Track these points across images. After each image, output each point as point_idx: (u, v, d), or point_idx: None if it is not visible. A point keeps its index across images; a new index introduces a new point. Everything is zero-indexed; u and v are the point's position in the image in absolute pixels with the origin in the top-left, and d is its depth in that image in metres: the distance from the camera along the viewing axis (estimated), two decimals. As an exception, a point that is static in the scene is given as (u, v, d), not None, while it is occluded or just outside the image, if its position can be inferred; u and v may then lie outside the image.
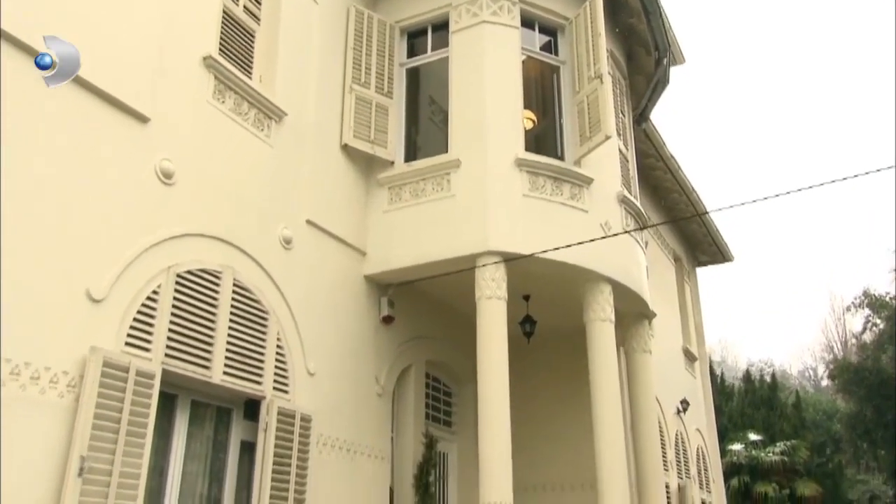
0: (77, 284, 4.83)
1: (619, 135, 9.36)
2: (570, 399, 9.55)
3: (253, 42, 7.23)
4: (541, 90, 9.60)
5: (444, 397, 9.59)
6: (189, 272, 5.72)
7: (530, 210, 7.83)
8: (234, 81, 6.55)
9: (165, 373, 5.34)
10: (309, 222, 7.28)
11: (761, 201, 6.71)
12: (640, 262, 8.99)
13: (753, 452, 20.65)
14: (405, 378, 8.52)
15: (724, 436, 20.42)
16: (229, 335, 5.99)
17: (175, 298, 5.54)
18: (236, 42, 6.98)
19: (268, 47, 7.29)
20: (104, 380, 4.78)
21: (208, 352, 5.78)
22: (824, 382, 39.86)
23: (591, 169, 8.31)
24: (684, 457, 12.46)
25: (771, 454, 20.34)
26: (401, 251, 7.93)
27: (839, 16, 67.27)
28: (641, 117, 11.15)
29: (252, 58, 7.15)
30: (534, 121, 9.64)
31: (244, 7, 7.20)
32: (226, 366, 5.92)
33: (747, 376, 25.46)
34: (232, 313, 6.06)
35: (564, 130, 8.66)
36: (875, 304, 23.80)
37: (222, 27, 6.78)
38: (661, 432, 11.23)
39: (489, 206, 7.71)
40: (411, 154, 8.66)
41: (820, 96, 67.97)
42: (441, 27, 8.77)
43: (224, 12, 6.85)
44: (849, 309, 25.39)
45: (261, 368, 6.31)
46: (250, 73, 7.03)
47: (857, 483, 27.03)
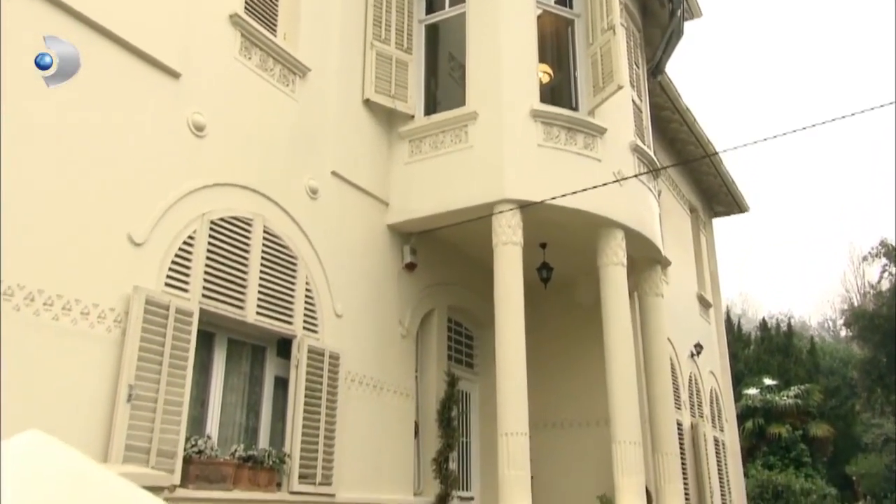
0: (120, 229, 5.07)
1: (632, 86, 9.34)
2: (584, 342, 9.71)
3: (277, 0, 7.33)
4: (556, 44, 9.58)
5: (466, 340, 9.81)
6: (222, 219, 5.94)
7: (545, 159, 7.91)
8: (259, 38, 6.67)
9: (203, 312, 5.60)
10: (334, 174, 7.44)
11: (772, 139, 6.72)
12: (653, 210, 9.05)
13: (768, 396, 20.78)
14: (428, 321, 8.74)
15: (740, 381, 20.56)
16: (261, 278, 6.22)
17: (209, 243, 5.77)
18: (261, 0, 7.09)
19: (291, 5, 7.38)
20: (147, 316, 5.04)
21: (242, 293, 6.03)
22: (843, 333, 39.55)
23: (604, 119, 8.34)
24: (697, 397, 12.63)
25: (785, 398, 20.45)
26: (421, 201, 8.08)
27: (864, -34, 64.80)
28: (657, 70, 11.06)
29: (276, 15, 7.25)
30: (550, 74, 9.65)
31: (267, -33, 7.28)
32: (258, 306, 6.17)
33: (763, 324, 25.44)
34: (263, 258, 6.29)
35: (578, 82, 8.68)
36: (891, 253, 23.46)
37: (247, -14, 6.88)
38: (674, 374, 11.39)
39: (505, 156, 7.81)
40: (431, 108, 8.75)
41: (841, 52, 65.99)
42: (458, -17, 8.77)
43: (248, -28, 6.95)
44: (865, 259, 25.04)
45: (291, 310, 6.55)
46: (275, 31, 7.14)
47: (872, 427, 27.05)
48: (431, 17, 9.02)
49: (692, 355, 12.69)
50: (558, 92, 9.45)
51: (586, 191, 7.53)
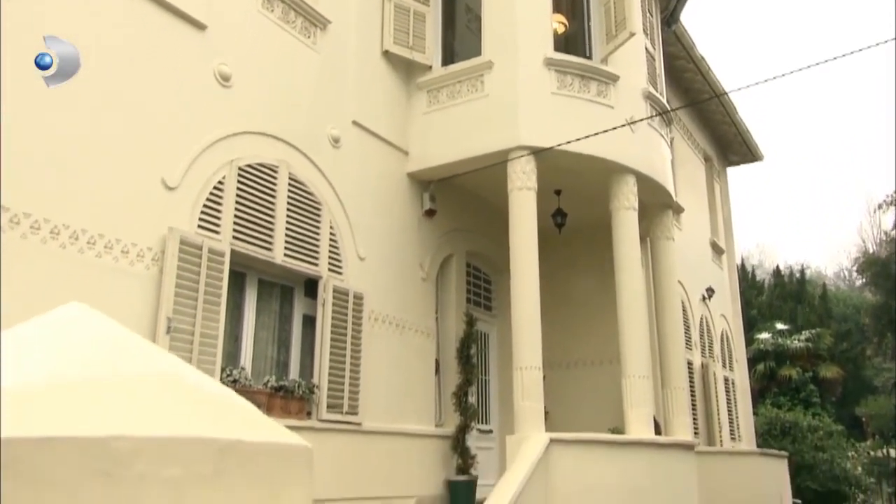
0: (154, 174, 5.24)
1: (645, 34, 9.21)
2: (597, 285, 9.79)
3: (297, -45, 7.32)
4: (570, -7, 9.45)
5: (485, 284, 9.95)
6: (249, 165, 6.08)
7: (559, 107, 7.91)
8: (280, -9, 6.70)
9: (234, 253, 5.79)
10: (355, 123, 7.53)
11: (786, 76, 6.65)
12: (664, 156, 9.02)
13: (780, 340, 20.79)
14: (447, 266, 8.88)
15: (753, 326, 20.56)
16: (287, 222, 6.39)
17: (238, 188, 5.93)
18: (281, -45, 7.08)
19: (310, -41, 7.37)
20: (182, 255, 5.24)
21: (270, 236, 6.20)
22: (858, 283, 39.06)
23: (617, 67, 8.28)
24: (708, 339, 12.72)
25: (796, 341, 20.45)
26: (439, 149, 8.15)
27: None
28: (671, 19, 10.88)
29: (296, -31, 7.25)
30: (564, 24, 9.53)
31: (287, -79, 7.25)
32: (286, 248, 6.35)
33: (777, 271, 25.28)
34: (289, 203, 6.44)
35: (592, 31, 8.60)
36: (906, 201, 23.00)
37: (268, -60, 6.88)
38: (685, 316, 11.48)
39: (520, 104, 7.82)
40: (448, 58, 8.73)
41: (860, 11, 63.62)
42: (474, -67, 8.66)
43: (269, -74, 6.93)
44: (880, 207, 24.59)
45: (317, 252, 6.73)
46: (295, -16, 7.15)
47: (883, 371, 26.98)
48: (448, -31, 8.93)
49: (703, 299, 12.74)
50: (572, 41, 9.36)
51: (598, 135, 7.53)
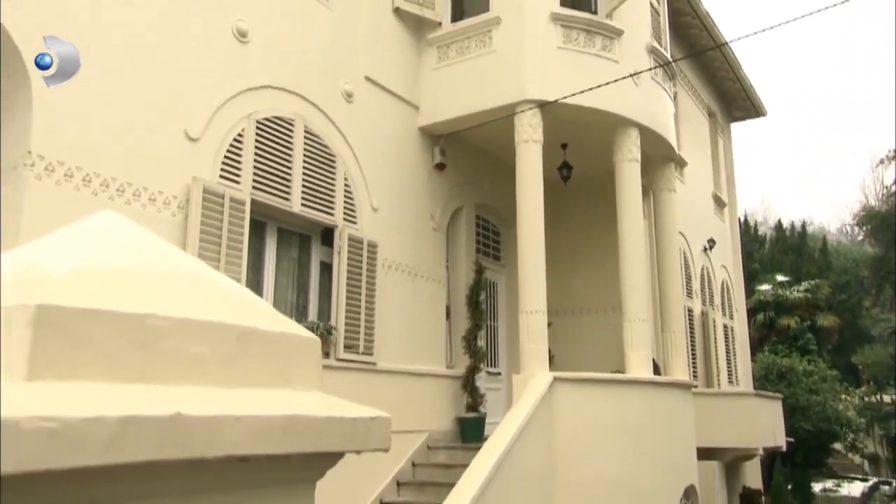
0: (177, 126, 5.34)
1: (650, -11, 9.07)
2: (601, 236, 9.84)
3: (308, -87, 7.25)
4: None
5: (494, 236, 10.04)
6: (267, 119, 6.16)
7: (564, 61, 7.88)
8: (293, -51, 6.67)
9: (254, 202, 5.91)
10: (367, 79, 7.55)
11: (789, 23, 6.57)
12: (667, 109, 8.98)
13: (779, 291, 20.81)
14: (457, 217, 8.97)
15: (754, 278, 20.57)
16: (304, 173, 6.49)
17: (257, 140, 6.02)
18: (294, -87, 7.02)
19: (322, -83, 7.29)
20: (205, 203, 5.37)
21: (287, 186, 6.31)
22: (860, 238, 38.73)
23: (622, 22, 8.20)
24: (709, 288, 12.80)
25: (796, 292, 20.46)
26: (449, 104, 8.17)
27: None
28: (677, -26, 10.68)
29: (308, -73, 7.19)
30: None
31: None
32: (303, 198, 6.46)
33: (779, 225, 25.13)
34: (305, 155, 6.53)
35: (598, -14, 8.48)
36: (907, 155, 22.67)
37: None
38: (686, 265, 11.55)
39: (526, 58, 7.80)
40: (458, 15, 8.66)
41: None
42: None
43: None
44: (882, 162, 24.27)
45: (332, 202, 6.84)
46: (308, -58, 7.10)
47: (880, 321, 27.00)
48: (457, -74, 8.79)
49: (705, 249, 12.78)
50: (579, -3, 9.24)
51: (602, 89, 7.52)
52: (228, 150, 5.73)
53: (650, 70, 8.37)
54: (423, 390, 7.73)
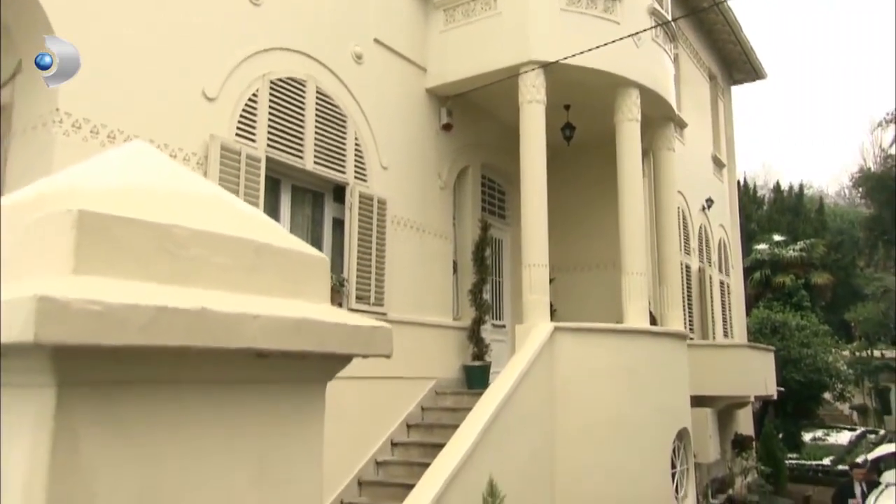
0: (195, 86, 5.39)
1: (653, -49, 8.91)
2: (602, 195, 9.85)
3: None
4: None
5: (499, 195, 10.09)
6: (280, 79, 6.19)
7: (567, 23, 7.82)
8: (303, -87, 6.60)
9: (269, 160, 5.99)
10: (376, 41, 7.53)
11: None
12: (667, 70, 8.91)
13: (776, 250, 20.79)
14: (464, 176, 9.01)
15: (752, 238, 20.54)
16: (316, 132, 6.54)
17: (270, 100, 6.06)
18: None
19: None
20: (223, 160, 5.45)
21: (300, 145, 6.37)
22: (858, 201, 38.39)
23: (624, -16, 8.09)
24: (706, 246, 12.83)
25: (791, 251, 20.44)
26: (456, 65, 8.15)
27: None
28: (680, -64, 10.46)
29: None
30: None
31: None
32: (315, 156, 6.53)
33: (777, 187, 24.96)
34: (317, 114, 6.57)
35: (601, -52, 8.34)
36: (905, 118, 22.32)
37: None
38: (685, 223, 11.56)
39: (530, 20, 7.75)
40: (464, -22, 8.57)
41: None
42: None
43: None
44: (880, 125, 23.93)
45: (343, 161, 6.90)
46: None
47: (874, 280, 26.94)
48: None
49: (703, 208, 12.77)
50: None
51: (603, 49, 7.47)
52: (244, 110, 5.79)
53: (651, 29, 8.29)
54: (432, 340, 7.88)
